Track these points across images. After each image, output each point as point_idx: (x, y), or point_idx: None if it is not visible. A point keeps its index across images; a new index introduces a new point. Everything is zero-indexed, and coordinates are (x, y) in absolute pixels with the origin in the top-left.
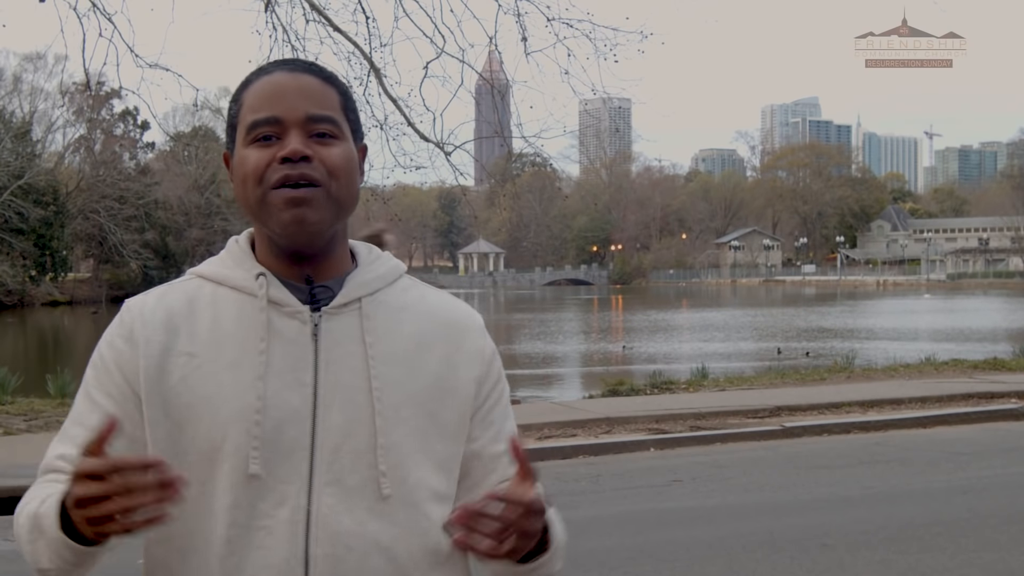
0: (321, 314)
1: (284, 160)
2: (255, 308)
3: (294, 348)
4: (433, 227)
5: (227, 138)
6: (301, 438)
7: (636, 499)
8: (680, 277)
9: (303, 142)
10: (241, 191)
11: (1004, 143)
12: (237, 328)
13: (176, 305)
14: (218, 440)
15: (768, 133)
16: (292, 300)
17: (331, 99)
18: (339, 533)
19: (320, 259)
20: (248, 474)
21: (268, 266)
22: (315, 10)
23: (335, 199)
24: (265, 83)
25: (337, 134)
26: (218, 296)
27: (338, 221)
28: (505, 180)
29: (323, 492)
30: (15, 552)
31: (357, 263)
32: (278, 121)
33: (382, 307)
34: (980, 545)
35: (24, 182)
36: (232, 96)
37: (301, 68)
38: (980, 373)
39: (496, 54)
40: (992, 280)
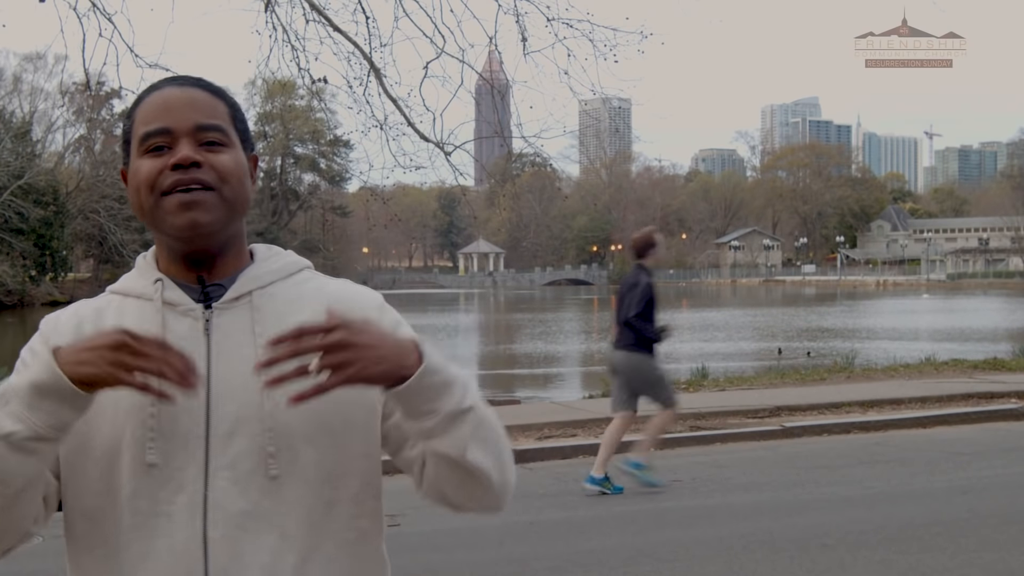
0: (212, 310)
1: (175, 167)
2: (152, 310)
3: (187, 344)
4: (433, 227)
5: (123, 154)
6: (196, 428)
7: (636, 499)
8: (680, 277)
9: (193, 149)
10: (135, 199)
11: (1004, 143)
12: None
13: (84, 315)
14: (119, 433)
15: (768, 133)
16: (185, 299)
17: (219, 110)
18: (234, 515)
19: (216, 260)
20: (146, 463)
21: (168, 272)
22: (315, 10)
23: (227, 201)
24: (156, 97)
25: (225, 142)
26: (124, 306)
27: (231, 223)
28: (505, 180)
29: (217, 476)
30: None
31: (254, 261)
32: (168, 131)
33: (273, 299)
34: (980, 545)
35: (24, 182)
36: (126, 114)
37: (190, 83)
38: (980, 373)
39: (496, 54)
40: (992, 280)
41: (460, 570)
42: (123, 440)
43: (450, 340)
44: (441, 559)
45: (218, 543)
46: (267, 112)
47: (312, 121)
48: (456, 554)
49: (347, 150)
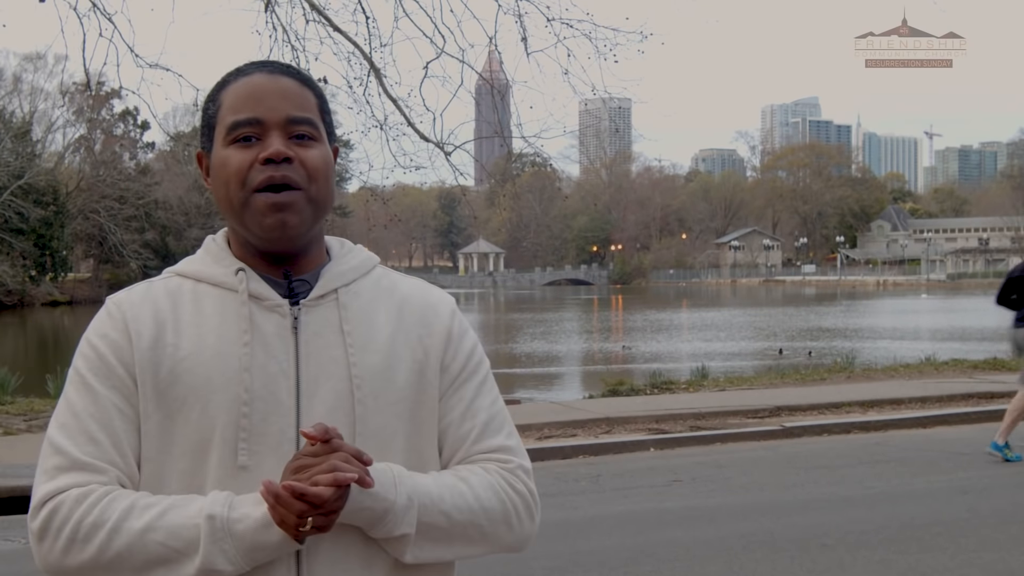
0: (300, 307)
1: (267, 161)
2: (236, 302)
3: (275, 341)
4: (433, 227)
5: (202, 137)
6: (287, 430)
7: (636, 499)
8: (680, 277)
9: (284, 143)
10: (223, 192)
11: (1004, 143)
12: (220, 322)
13: (160, 300)
14: (207, 432)
15: (768, 133)
16: (272, 294)
17: (309, 101)
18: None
19: (299, 257)
20: (237, 466)
21: (246, 262)
22: (315, 10)
23: (314, 201)
24: (244, 84)
25: (316, 136)
26: (199, 292)
27: (316, 223)
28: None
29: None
30: (15, 552)
31: (331, 256)
32: (259, 122)
33: (358, 297)
34: (980, 545)
35: (24, 182)
36: (208, 95)
37: (279, 70)
38: (980, 373)
39: (496, 54)
40: (992, 280)
41: (460, 570)
42: (212, 440)
43: None
44: None
45: (310, 552)
46: None
47: None
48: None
49: (347, 150)
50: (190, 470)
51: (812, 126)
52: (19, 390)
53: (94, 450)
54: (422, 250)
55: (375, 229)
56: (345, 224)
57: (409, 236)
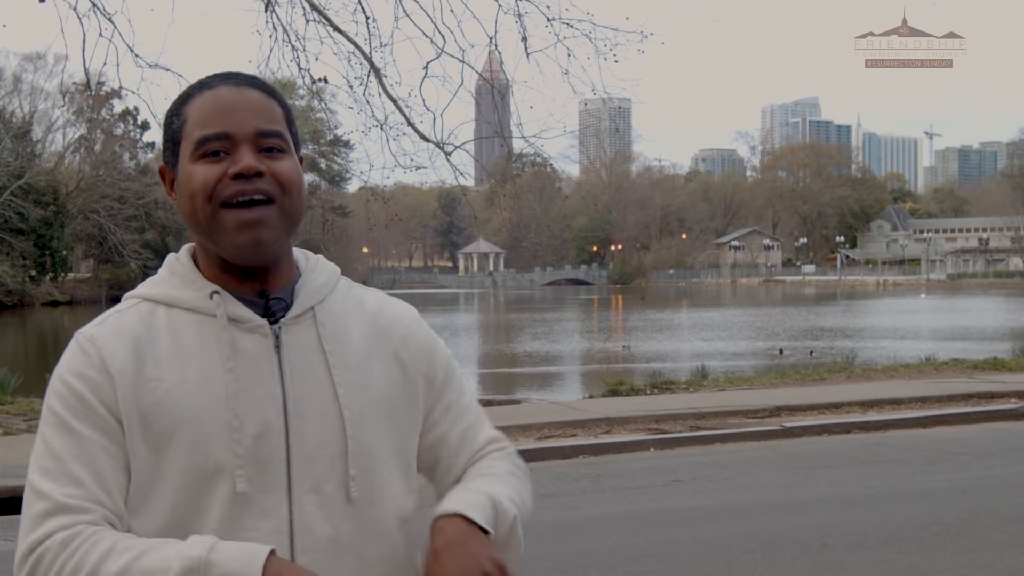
0: (280, 326)
1: (237, 176)
2: (216, 327)
3: (259, 363)
4: (433, 227)
5: (166, 152)
6: (277, 451)
7: (636, 499)
8: (680, 277)
9: (255, 157)
10: (189, 207)
11: (1004, 143)
12: (200, 349)
13: (134, 332)
14: (202, 461)
15: (768, 133)
16: (251, 315)
17: (276, 113)
18: (320, 540)
19: (271, 271)
20: (236, 492)
21: (217, 282)
22: (315, 10)
23: (287, 214)
24: (211, 97)
25: (285, 147)
26: (174, 319)
27: (289, 236)
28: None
29: (303, 501)
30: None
31: (299, 270)
32: (228, 136)
33: (331, 314)
34: (980, 545)
35: (24, 182)
36: (171, 110)
37: (245, 82)
38: (980, 373)
39: (496, 54)
40: (992, 280)
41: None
42: (206, 468)
43: (451, 340)
44: None
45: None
46: None
47: (312, 121)
48: None
49: (347, 150)
50: (184, 502)
51: (812, 126)
52: (19, 390)
53: (78, 491)
54: (422, 250)
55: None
56: (345, 224)
57: (409, 236)
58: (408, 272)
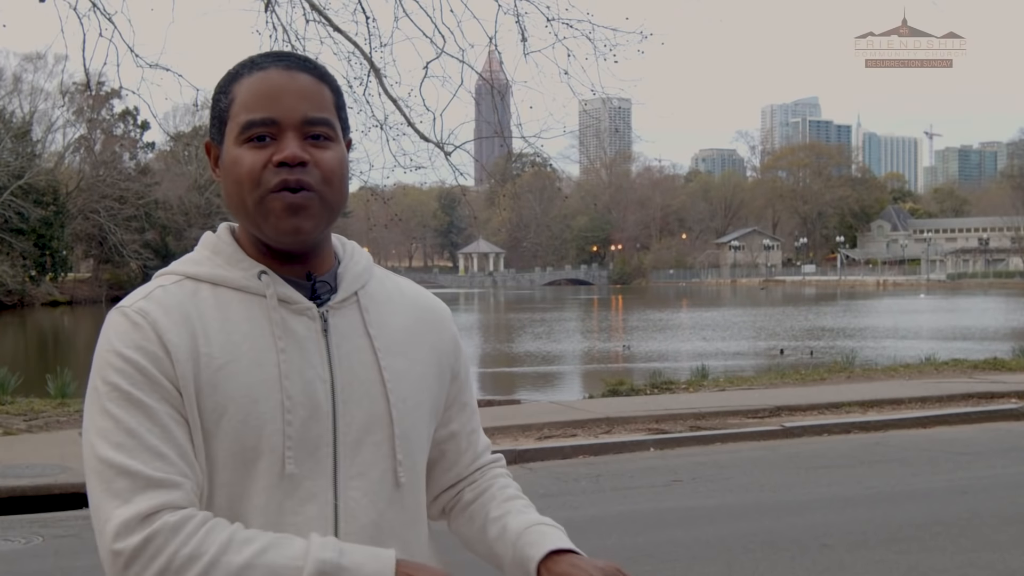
0: (327, 309)
1: (281, 164)
2: (264, 307)
3: (308, 344)
4: (433, 227)
5: (212, 128)
6: (324, 434)
7: (636, 499)
8: (680, 277)
9: (300, 146)
10: (235, 192)
11: (1004, 143)
12: (250, 328)
13: (184, 307)
14: (252, 441)
15: (768, 133)
16: (299, 297)
17: (326, 99)
18: (365, 525)
19: (313, 257)
20: (284, 474)
21: (262, 262)
22: (315, 10)
23: (328, 204)
24: (260, 80)
25: (332, 136)
26: (221, 297)
27: (329, 225)
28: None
29: (349, 486)
30: (15, 552)
31: (337, 256)
32: (275, 123)
33: (374, 300)
34: (980, 545)
35: (24, 182)
36: (219, 87)
37: (296, 65)
38: (980, 373)
39: (496, 54)
40: (992, 280)
41: (459, 570)
42: (257, 448)
43: None
44: (440, 559)
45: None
46: None
47: None
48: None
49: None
50: (232, 481)
51: (812, 126)
52: (19, 390)
53: (164, 465)
54: (422, 250)
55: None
56: (345, 224)
57: (409, 236)
58: (408, 272)
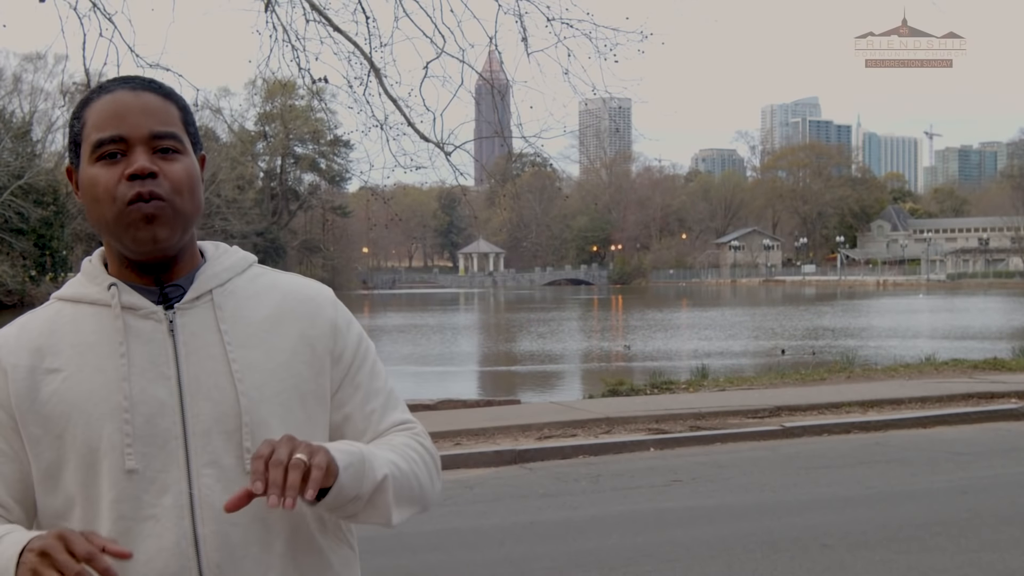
0: (175, 311)
1: (132, 177)
2: (111, 316)
3: (153, 346)
4: (433, 227)
5: (70, 153)
6: (173, 428)
7: (636, 499)
8: (680, 277)
9: (149, 159)
10: (95, 209)
11: (1004, 143)
12: (98, 338)
13: (37, 329)
14: (95, 442)
15: (768, 133)
16: (144, 303)
17: (172, 115)
18: (221, 510)
19: (171, 264)
20: (125, 469)
21: (121, 277)
22: (315, 10)
23: (181, 213)
24: (107, 101)
25: (180, 148)
26: (77, 314)
27: (186, 233)
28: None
29: (201, 474)
30: None
31: (205, 259)
32: (123, 139)
33: (233, 296)
34: (980, 545)
35: (24, 182)
36: (73, 113)
37: (141, 85)
38: (980, 373)
39: (496, 54)
40: (992, 280)
41: (460, 570)
42: (100, 447)
43: (451, 339)
44: (441, 559)
45: (209, 539)
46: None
47: (312, 121)
48: (456, 554)
49: (347, 150)
50: (86, 481)
51: (812, 126)
52: None
53: None
54: (422, 250)
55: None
56: (345, 224)
57: (409, 236)
58: (408, 272)
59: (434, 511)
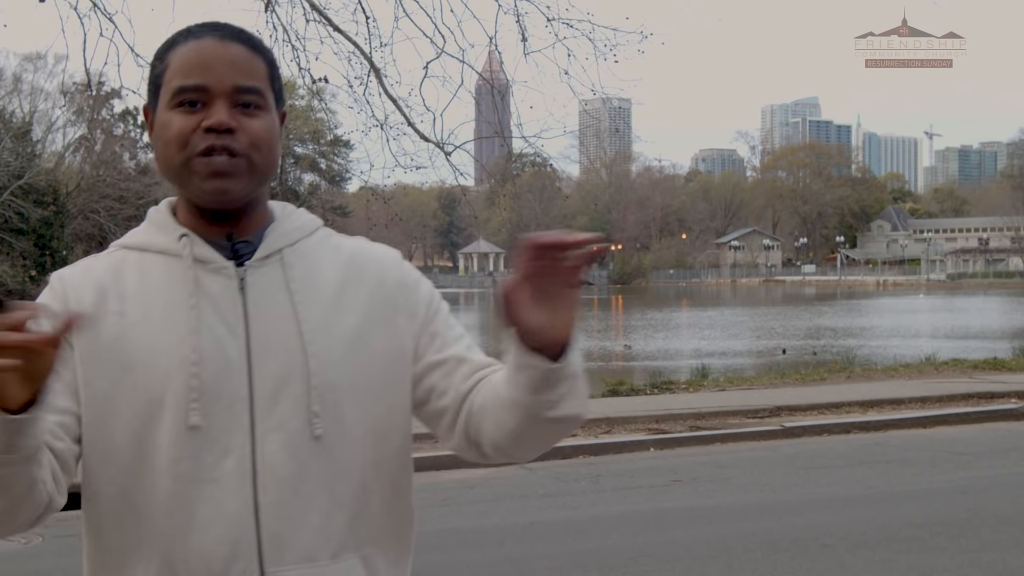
0: (246, 268)
1: (209, 130)
2: (182, 267)
3: (223, 302)
4: (433, 227)
5: (149, 94)
6: (239, 388)
7: (636, 499)
8: (680, 277)
9: (228, 113)
10: (163, 153)
11: (1004, 143)
12: (166, 287)
13: (102, 271)
14: (157, 394)
15: (768, 133)
16: (216, 257)
17: (258, 69)
18: (285, 479)
19: (241, 218)
20: (188, 426)
21: (190, 227)
22: (315, 10)
23: (257, 168)
24: (193, 48)
25: (262, 104)
26: (144, 261)
27: (259, 188)
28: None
29: (266, 439)
30: (15, 552)
31: (275, 218)
32: (205, 89)
33: (303, 256)
34: (980, 545)
35: (24, 182)
36: (156, 54)
37: (230, 35)
38: (980, 373)
39: (496, 54)
40: (992, 280)
41: (460, 570)
42: (162, 402)
43: None
44: (441, 559)
45: (269, 508)
46: None
47: (312, 121)
48: (456, 554)
49: (347, 150)
50: (141, 435)
51: (812, 126)
52: None
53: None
54: (422, 250)
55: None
56: (345, 224)
57: (409, 236)
58: None
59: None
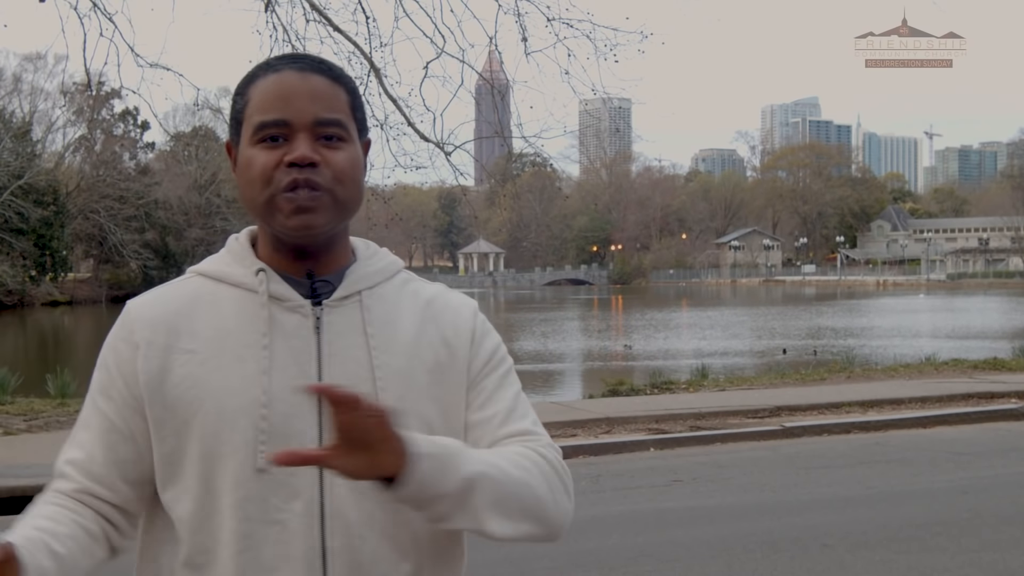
0: (322, 307)
1: (291, 164)
2: (256, 304)
3: (297, 342)
4: (433, 227)
5: (231, 130)
6: (308, 431)
7: (636, 499)
8: (680, 277)
9: (311, 147)
10: (248, 191)
11: (1004, 143)
12: (238, 324)
13: (176, 304)
14: (225, 435)
15: (768, 133)
16: (293, 294)
17: (340, 101)
18: (352, 524)
19: (322, 254)
20: (256, 468)
21: (269, 262)
22: (315, 10)
23: (340, 203)
24: (273, 82)
25: (345, 136)
26: (219, 293)
27: (342, 223)
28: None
29: (335, 483)
30: None
31: (356, 258)
32: (286, 124)
33: (381, 300)
34: (980, 545)
35: (24, 182)
36: (237, 88)
37: (310, 67)
38: (980, 373)
39: (496, 54)
40: (992, 280)
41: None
42: (231, 442)
43: None
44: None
45: (337, 553)
46: None
47: None
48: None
49: None
50: (207, 475)
51: (812, 126)
52: (19, 390)
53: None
54: (422, 250)
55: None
56: None
57: (409, 236)
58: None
59: None
